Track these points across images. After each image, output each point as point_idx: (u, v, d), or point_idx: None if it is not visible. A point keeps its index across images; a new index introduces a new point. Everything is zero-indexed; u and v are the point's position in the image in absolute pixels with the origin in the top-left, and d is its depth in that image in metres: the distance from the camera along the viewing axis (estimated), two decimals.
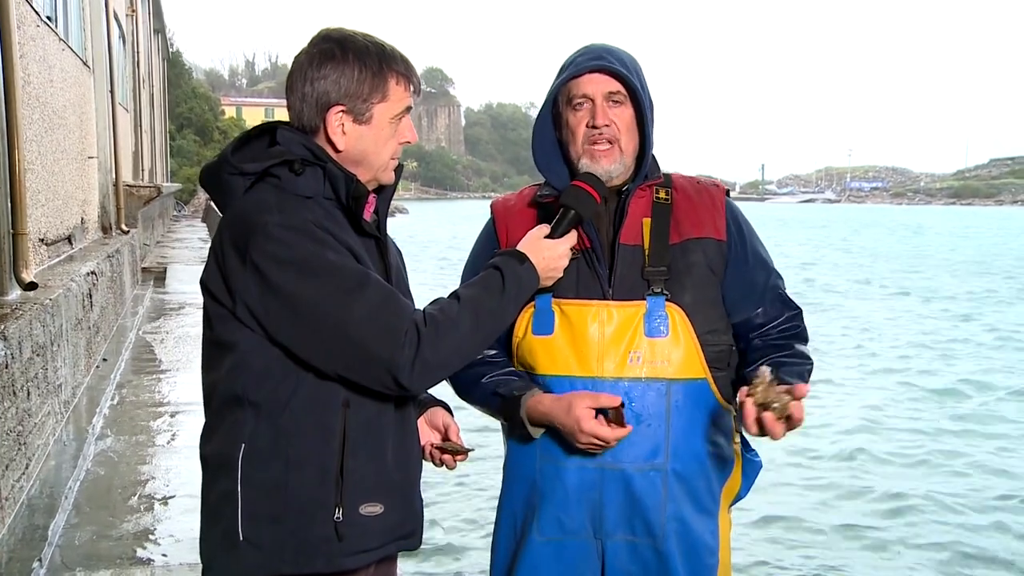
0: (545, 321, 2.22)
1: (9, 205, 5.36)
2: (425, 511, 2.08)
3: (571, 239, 2.12)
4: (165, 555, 4.06)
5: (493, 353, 2.31)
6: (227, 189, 1.94)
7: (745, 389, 2.03)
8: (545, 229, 2.10)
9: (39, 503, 4.53)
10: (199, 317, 2.03)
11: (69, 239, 8.33)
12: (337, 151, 1.94)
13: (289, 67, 1.98)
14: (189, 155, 43.76)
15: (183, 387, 7.14)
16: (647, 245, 2.22)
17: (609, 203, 2.25)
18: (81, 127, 9.66)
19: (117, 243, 10.37)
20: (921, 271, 32.61)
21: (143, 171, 19.32)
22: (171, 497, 4.77)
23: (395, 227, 2.70)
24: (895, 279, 29.20)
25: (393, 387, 1.84)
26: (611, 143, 2.20)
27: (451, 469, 2.17)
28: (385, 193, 2.04)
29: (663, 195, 2.27)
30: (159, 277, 14.06)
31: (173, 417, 6.33)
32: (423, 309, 1.89)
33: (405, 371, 1.81)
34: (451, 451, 2.13)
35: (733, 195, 2.38)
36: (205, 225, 27.55)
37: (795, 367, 2.19)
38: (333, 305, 1.80)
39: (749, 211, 2.41)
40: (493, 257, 2.05)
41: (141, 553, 4.09)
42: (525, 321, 2.24)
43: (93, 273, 7.53)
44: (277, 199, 1.86)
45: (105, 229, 11.17)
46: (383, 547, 1.94)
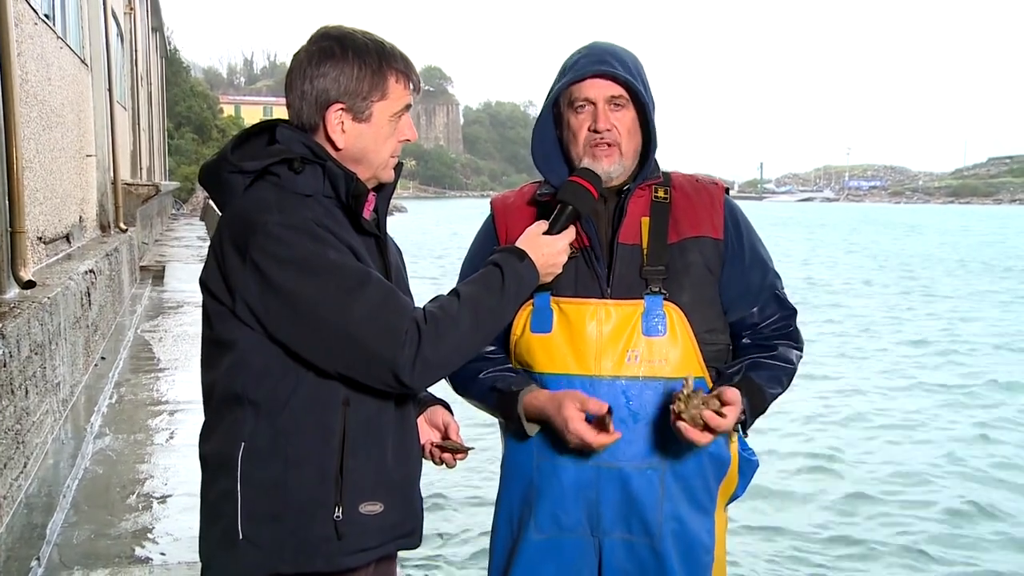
0: (544, 319, 2.22)
1: (7, 203, 5.36)
2: (424, 510, 2.07)
3: (569, 235, 2.11)
4: (164, 554, 4.05)
5: (491, 350, 2.31)
6: (226, 187, 1.94)
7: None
8: (543, 225, 2.09)
9: (37, 502, 4.52)
10: (198, 315, 2.03)
11: (67, 237, 8.33)
12: (337, 149, 1.94)
13: (288, 65, 1.98)
14: (187, 153, 43.73)
15: (182, 386, 7.13)
16: (645, 244, 2.21)
17: (608, 202, 2.25)
18: (79, 125, 9.64)
19: (115, 241, 10.35)
20: (920, 271, 32.61)
21: (141, 169, 19.30)
22: (170, 496, 4.76)
23: (395, 227, 2.70)
24: (895, 279, 29.20)
25: (394, 385, 1.83)
26: (612, 146, 2.20)
27: (451, 468, 2.16)
28: (385, 191, 2.03)
29: (662, 194, 2.27)
30: (157, 275, 14.06)
31: (172, 416, 6.33)
32: (423, 307, 1.89)
33: (406, 369, 1.81)
34: (451, 449, 2.12)
35: (731, 194, 2.38)
36: (203, 223, 27.51)
37: (770, 370, 2.23)
38: (333, 304, 1.80)
39: (747, 210, 2.41)
40: (492, 254, 2.05)
41: (140, 552, 4.08)
42: (523, 319, 2.24)
43: (91, 271, 7.52)
44: (277, 197, 1.86)
45: (103, 227, 11.16)
46: (383, 546, 1.94)
